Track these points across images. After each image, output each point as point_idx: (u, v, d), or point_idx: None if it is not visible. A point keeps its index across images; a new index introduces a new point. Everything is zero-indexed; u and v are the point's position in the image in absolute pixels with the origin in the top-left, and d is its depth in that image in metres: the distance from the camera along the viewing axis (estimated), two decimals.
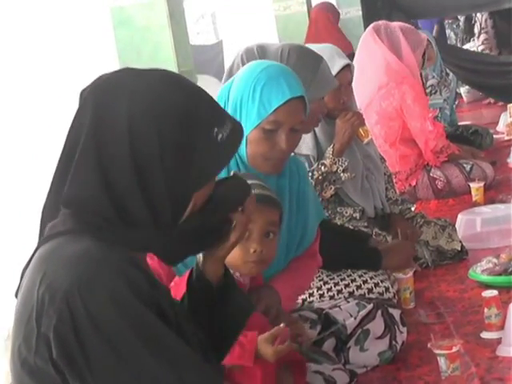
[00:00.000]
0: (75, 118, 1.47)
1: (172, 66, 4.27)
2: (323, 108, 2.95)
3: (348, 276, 2.82)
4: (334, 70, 3.39)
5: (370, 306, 2.52)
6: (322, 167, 3.35)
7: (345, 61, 3.47)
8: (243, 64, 2.75)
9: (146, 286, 1.38)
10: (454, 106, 6.43)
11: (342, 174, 3.37)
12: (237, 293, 1.65)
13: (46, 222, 1.47)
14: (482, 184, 4.39)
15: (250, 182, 1.77)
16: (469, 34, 9.91)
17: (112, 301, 1.34)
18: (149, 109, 1.43)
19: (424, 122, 4.50)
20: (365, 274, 2.84)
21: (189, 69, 4.46)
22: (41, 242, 1.45)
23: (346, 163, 3.36)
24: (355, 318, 2.47)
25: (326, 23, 8.00)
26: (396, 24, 4.67)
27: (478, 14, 9.00)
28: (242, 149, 2.27)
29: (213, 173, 1.51)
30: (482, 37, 8.90)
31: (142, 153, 1.41)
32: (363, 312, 2.49)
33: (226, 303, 1.62)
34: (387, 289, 2.80)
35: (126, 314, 1.34)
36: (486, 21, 8.94)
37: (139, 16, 4.32)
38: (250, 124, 2.25)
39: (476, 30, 9.20)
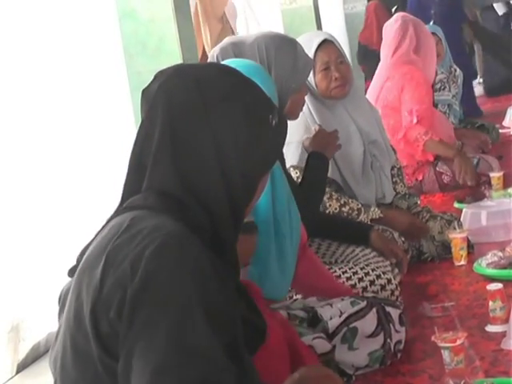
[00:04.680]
0: (147, 114, 1.53)
1: (177, 59, 4.26)
2: (306, 92, 2.95)
3: (350, 269, 2.80)
4: (312, 49, 3.33)
5: (362, 304, 2.44)
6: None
7: (321, 37, 3.41)
8: None
9: (210, 273, 1.38)
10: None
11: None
12: None
13: (125, 199, 1.51)
14: (501, 173, 4.38)
15: None
16: None
17: (170, 273, 1.34)
18: (220, 96, 1.50)
19: (409, 115, 4.51)
20: (367, 266, 2.83)
21: (194, 62, 4.45)
22: (118, 212, 1.49)
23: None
24: (340, 316, 2.40)
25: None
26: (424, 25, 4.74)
27: None
28: None
29: (275, 157, 1.59)
30: None
31: (218, 141, 1.47)
32: (352, 310, 2.42)
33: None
34: (389, 280, 2.78)
35: (177, 291, 1.34)
36: None
37: (144, 8, 4.31)
38: None
39: None
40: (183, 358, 1.30)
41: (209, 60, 2.86)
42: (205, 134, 1.48)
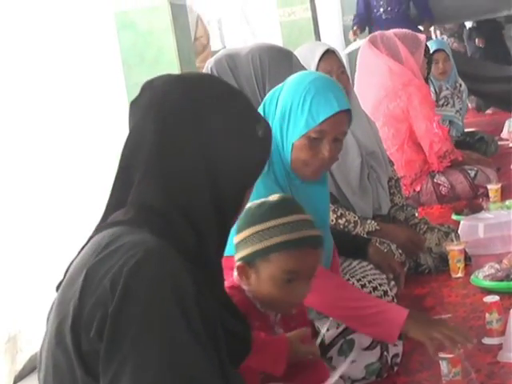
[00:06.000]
0: (136, 126, 1.52)
1: (175, 71, 4.27)
2: None
3: (346, 280, 2.80)
4: (316, 59, 3.36)
5: None
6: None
7: (323, 47, 3.44)
8: None
9: (190, 288, 1.37)
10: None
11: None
12: None
13: (107, 216, 1.49)
14: (499, 185, 4.38)
15: (299, 218, 1.92)
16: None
17: (150, 289, 1.33)
18: (210, 107, 1.49)
19: (430, 123, 4.51)
20: (363, 278, 2.82)
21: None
22: (101, 228, 1.47)
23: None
24: (337, 328, 2.40)
25: None
26: (391, 31, 4.70)
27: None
28: (288, 154, 2.40)
29: (261, 168, 1.58)
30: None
31: (209, 153, 1.46)
32: None
33: None
34: (386, 292, 2.77)
35: (159, 309, 1.32)
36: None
37: (143, 20, 4.32)
38: (297, 131, 2.38)
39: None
40: (175, 376, 1.30)
41: (204, 71, 2.86)
42: (196, 146, 1.46)
